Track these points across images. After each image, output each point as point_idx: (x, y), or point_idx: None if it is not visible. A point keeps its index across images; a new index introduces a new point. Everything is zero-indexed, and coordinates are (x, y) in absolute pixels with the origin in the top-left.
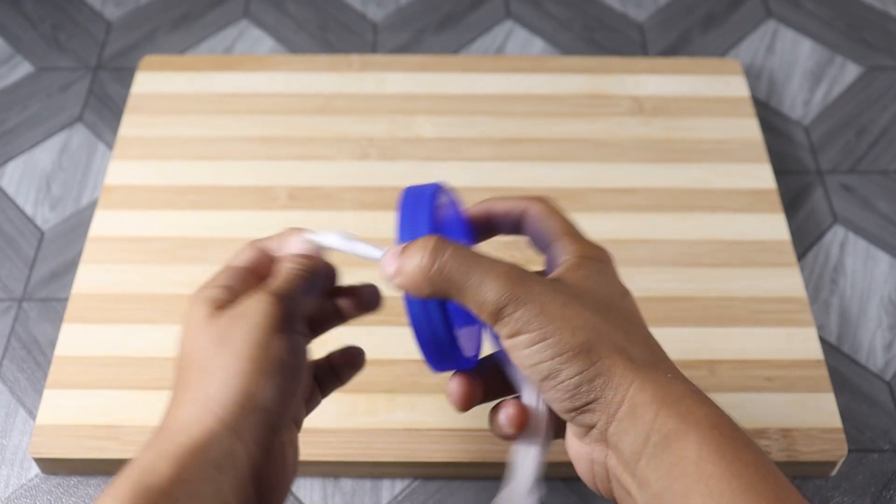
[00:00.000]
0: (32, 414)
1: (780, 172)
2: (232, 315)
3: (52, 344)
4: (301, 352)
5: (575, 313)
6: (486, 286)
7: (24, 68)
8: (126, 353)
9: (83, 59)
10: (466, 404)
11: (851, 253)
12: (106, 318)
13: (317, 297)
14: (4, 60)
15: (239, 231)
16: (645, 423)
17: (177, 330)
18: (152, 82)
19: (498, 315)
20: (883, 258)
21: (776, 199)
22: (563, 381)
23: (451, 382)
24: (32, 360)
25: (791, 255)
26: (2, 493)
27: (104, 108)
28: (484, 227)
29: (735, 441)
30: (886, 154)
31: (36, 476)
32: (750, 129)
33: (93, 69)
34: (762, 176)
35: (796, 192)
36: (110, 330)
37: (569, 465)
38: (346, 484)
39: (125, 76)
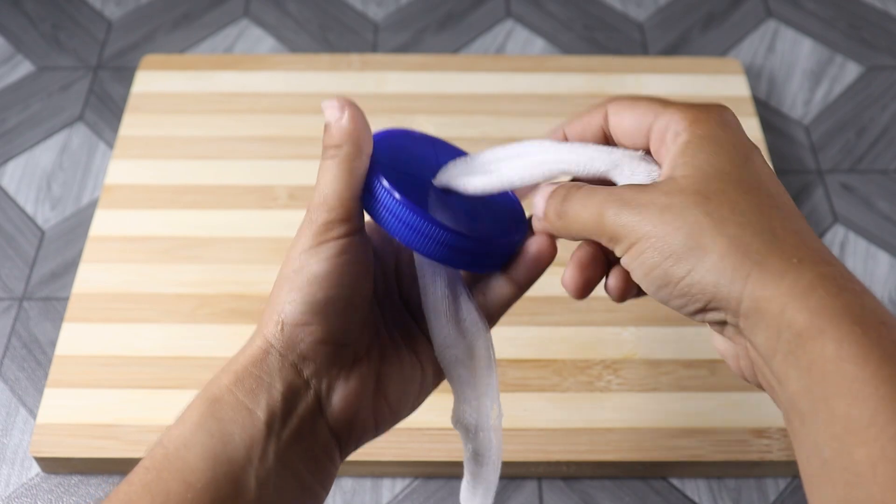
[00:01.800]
0: (33, 413)
1: (780, 172)
2: (298, 232)
3: (53, 343)
4: (338, 255)
5: (674, 215)
6: (589, 214)
7: (24, 68)
8: (126, 352)
9: (83, 58)
10: (584, 292)
11: (852, 252)
12: (106, 318)
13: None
14: (5, 60)
15: (239, 231)
16: (773, 318)
17: (177, 329)
18: (152, 82)
19: (610, 239)
20: (883, 258)
21: None
22: (676, 285)
23: (565, 275)
24: (33, 360)
25: None
26: (2, 492)
27: (104, 108)
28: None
29: (881, 339)
30: (887, 153)
31: (36, 475)
32: (750, 128)
33: (93, 69)
34: None
35: (797, 191)
36: (110, 329)
37: (569, 465)
38: (347, 483)
39: (125, 76)
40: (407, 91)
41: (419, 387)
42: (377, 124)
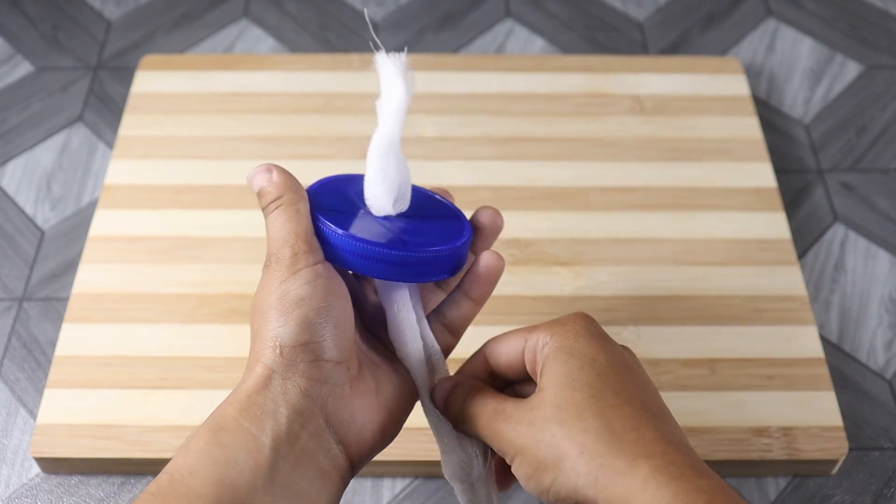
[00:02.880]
0: (33, 413)
1: (780, 171)
2: (257, 293)
3: (53, 343)
4: (316, 279)
5: (538, 429)
6: (483, 423)
7: (24, 68)
8: (126, 352)
9: (83, 58)
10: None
11: (852, 251)
12: (106, 318)
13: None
14: (5, 60)
15: (239, 231)
16: None
17: (177, 329)
18: (152, 82)
19: (499, 450)
20: (883, 256)
21: (777, 198)
22: (548, 492)
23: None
24: (33, 360)
25: (791, 253)
26: (2, 492)
27: (104, 108)
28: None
29: None
30: (887, 152)
31: (36, 475)
32: (750, 127)
33: (93, 69)
34: (763, 174)
35: (797, 190)
36: (110, 330)
37: None
38: None
39: (125, 76)
40: None
41: (412, 397)
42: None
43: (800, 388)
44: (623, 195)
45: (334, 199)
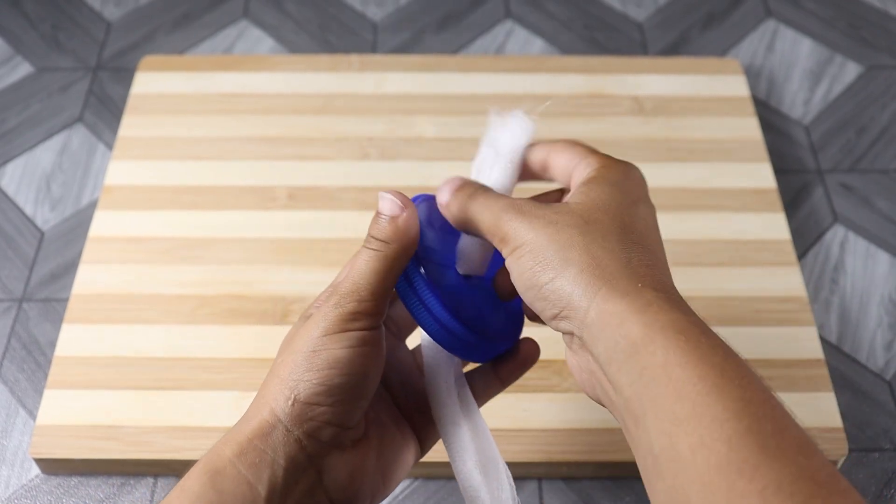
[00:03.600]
0: (33, 414)
1: (780, 171)
2: (303, 323)
3: (53, 344)
4: (360, 345)
5: (555, 229)
6: (490, 215)
7: (24, 68)
8: (126, 353)
9: (83, 59)
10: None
11: (852, 252)
12: (106, 318)
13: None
14: (4, 61)
15: (239, 231)
16: (612, 329)
17: (176, 330)
18: (152, 82)
19: (501, 240)
20: (883, 257)
21: (776, 199)
22: (540, 289)
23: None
24: (32, 361)
25: (791, 254)
26: (2, 493)
27: (104, 109)
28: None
29: (700, 345)
30: (886, 153)
31: (36, 476)
32: (750, 128)
33: (93, 69)
34: (762, 175)
35: (796, 191)
36: (110, 330)
37: (569, 465)
38: None
39: (125, 76)
40: (406, 91)
41: (412, 460)
42: (377, 124)
43: (799, 389)
44: None
45: (427, 232)
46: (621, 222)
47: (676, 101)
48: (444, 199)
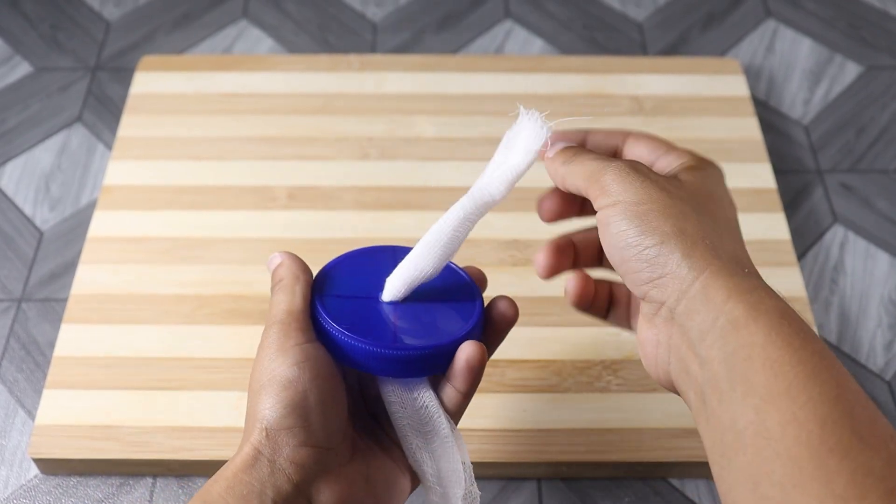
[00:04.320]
0: (32, 414)
1: (779, 172)
2: (258, 353)
3: (52, 344)
4: (305, 360)
5: (672, 202)
6: (596, 163)
7: (23, 68)
8: (126, 353)
9: (82, 59)
10: (584, 301)
11: (851, 252)
12: (105, 318)
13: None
14: (4, 60)
15: (239, 231)
16: (715, 304)
17: (176, 330)
18: (151, 82)
19: (602, 188)
20: (883, 257)
21: (776, 199)
22: (644, 250)
23: (568, 282)
24: (32, 361)
25: (791, 254)
26: (1, 493)
27: (103, 109)
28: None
29: (801, 332)
30: (886, 153)
31: (35, 477)
32: (750, 128)
33: (92, 69)
34: (762, 175)
35: (796, 191)
36: (110, 330)
37: (568, 465)
38: None
39: (124, 76)
40: (406, 91)
41: (408, 486)
42: (377, 124)
43: None
44: None
45: (352, 277)
46: (725, 215)
47: (676, 101)
48: (550, 154)
